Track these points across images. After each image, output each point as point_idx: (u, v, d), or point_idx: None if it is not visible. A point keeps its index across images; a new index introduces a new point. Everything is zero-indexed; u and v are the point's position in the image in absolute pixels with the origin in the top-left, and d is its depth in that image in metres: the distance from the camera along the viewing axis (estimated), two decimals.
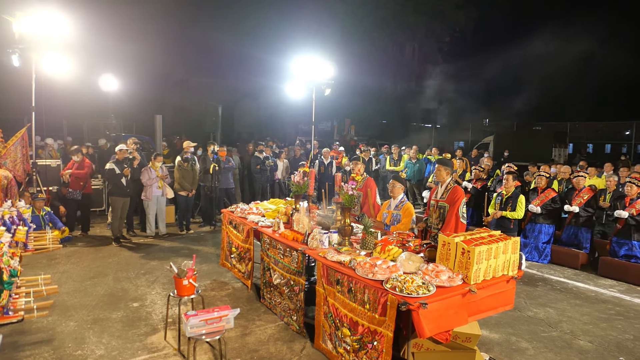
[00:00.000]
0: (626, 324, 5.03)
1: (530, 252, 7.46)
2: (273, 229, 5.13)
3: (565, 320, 5.07)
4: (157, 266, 6.59)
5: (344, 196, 4.42)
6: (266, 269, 5.11)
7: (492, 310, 3.59)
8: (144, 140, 13.99)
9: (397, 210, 5.20)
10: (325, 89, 10.60)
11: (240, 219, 5.84)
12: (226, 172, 9.61)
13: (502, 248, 3.49)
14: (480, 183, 9.07)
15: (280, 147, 13.93)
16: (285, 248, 4.67)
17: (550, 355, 4.23)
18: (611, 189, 7.49)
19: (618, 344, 4.52)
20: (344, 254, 3.98)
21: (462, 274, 3.36)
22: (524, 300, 5.60)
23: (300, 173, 5.68)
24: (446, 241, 3.51)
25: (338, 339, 3.74)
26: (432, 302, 3.06)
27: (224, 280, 6.05)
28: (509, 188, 7.17)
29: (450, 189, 4.82)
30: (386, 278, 3.34)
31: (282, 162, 11.66)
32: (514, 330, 4.74)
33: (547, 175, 7.82)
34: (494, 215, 7.19)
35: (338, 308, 3.72)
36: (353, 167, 6.36)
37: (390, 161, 12.60)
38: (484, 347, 4.25)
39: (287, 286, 4.64)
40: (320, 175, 11.28)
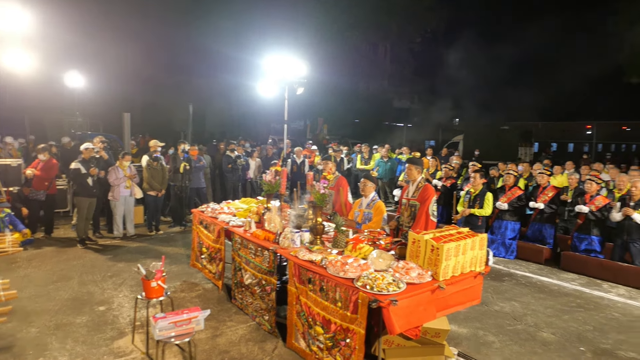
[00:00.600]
0: (586, 315, 5.23)
1: (497, 248, 7.66)
2: (244, 229, 5.08)
3: (529, 313, 5.24)
4: (124, 268, 6.42)
5: (316, 195, 4.43)
6: (237, 269, 5.06)
7: (460, 306, 3.67)
8: (111, 139, 13.61)
9: (369, 209, 5.24)
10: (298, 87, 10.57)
11: (211, 219, 5.75)
12: (197, 172, 9.46)
13: (470, 245, 3.57)
14: (450, 181, 9.26)
15: (253, 146, 13.82)
16: (256, 248, 4.63)
17: (515, 347, 4.36)
18: (573, 186, 7.78)
19: (579, 335, 4.70)
20: (315, 252, 3.99)
21: (431, 270, 3.42)
22: (491, 295, 5.75)
23: (272, 172, 5.65)
24: (416, 239, 3.56)
25: (311, 337, 3.74)
26: (402, 298, 3.10)
27: (194, 282, 5.96)
28: (477, 186, 7.35)
29: (421, 187, 4.89)
30: (357, 276, 3.36)
31: (254, 161, 11.58)
32: (481, 324, 4.86)
33: (514, 173, 8.05)
34: (462, 213, 7.35)
35: (310, 307, 3.72)
36: (324, 166, 6.37)
37: (361, 160, 12.69)
38: (453, 342, 4.33)
39: (259, 286, 4.61)
40: (292, 174, 11.26)
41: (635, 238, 6.44)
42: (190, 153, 9.27)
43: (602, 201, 6.88)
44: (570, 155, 21.88)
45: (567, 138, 27.66)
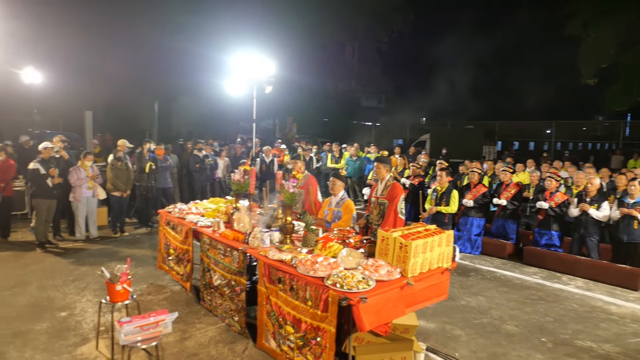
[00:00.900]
0: (547, 307, 5.45)
1: (463, 244, 7.86)
2: (213, 229, 5.01)
3: (494, 307, 5.41)
4: (87, 272, 6.21)
5: (285, 194, 4.41)
6: (206, 270, 4.98)
7: (428, 301, 3.74)
8: (72, 138, 13.11)
9: (338, 208, 5.27)
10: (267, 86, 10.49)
11: (178, 220, 5.64)
12: (164, 171, 9.26)
13: (437, 241, 3.64)
14: (418, 179, 9.42)
15: (221, 145, 13.64)
16: (225, 248, 4.57)
17: (481, 340, 4.49)
18: (534, 183, 8.08)
19: (540, 326, 4.89)
20: (285, 252, 3.98)
21: (400, 267, 3.47)
22: (457, 290, 5.89)
23: (240, 171, 5.59)
24: (385, 236, 3.61)
25: (282, 337, 3.73)
26: (372, 296, 3.13)
27: (161, 284, 5.83)
28: (443, 184, 7.51)
29: (390, 185, 4.95)
30: (327, 274, 3.37)
31: (223, 160, 11.43)
32: (448, 319, 4.98)
33: (478, 171, 8.28)
34: (430, 210, 7.50)
35: (281, 306, 3.70)
36: (293, 165, 6.36)
37: (331, 159, 12.75)
38: (422, 337, 4.42)
39: (228, 287, 4.56)
40: (261, 173, 11.19)
41: (592, 232, 6.76)
42: (156, 152, 9.06)
43: (561, 197, 7.18)
44: (531, 154, 22.69)
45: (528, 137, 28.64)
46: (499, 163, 10.37)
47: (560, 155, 19.25)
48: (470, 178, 8.16)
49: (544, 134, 26.75)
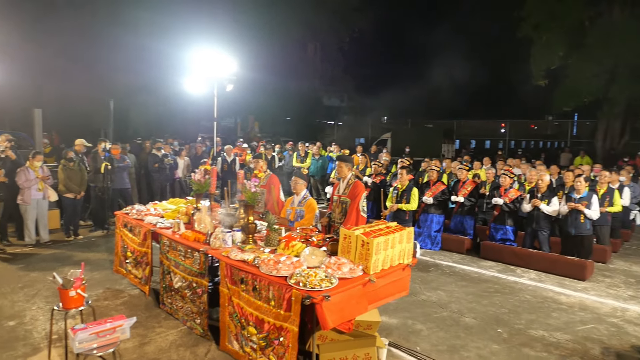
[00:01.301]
0: (503, 299, 5.67)
1: (423, 240, 8.06)
2: (173, 230, 4.89)
3: (453, 300, 5.57)
4: (38, 278, 5.91)
5: (247, 194, 4.37)
6: (166, 272, 4.86)
7: (390, 297, 3.80)
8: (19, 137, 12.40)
9: (301, 207, 5.27)
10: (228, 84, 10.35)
11: (136, 221, 5.46)
12: (121, 172, 8.95)
13: (398, 238, 3.71)
14: (380, 178, 9.57)
15: (181, 144, 13.32)
16: (186, 249, 4.47)
17: (441, 333, 4.62)
18: (490, 180, 8.38)
19: (497, 317, 5.08)
20: (247, 252, 3.93)
21: (362, 264, 3.51)
22: (418, 286, 6.03)
23: (201, 171, 5.48)
24: (347, 234, 3.64)
25: (244, 338, 3.68)
26: (335, 294, 3.15)
27: (119, 288, 5.63)
28: (404, 182, 7.66)
29: (352, 184, 5.00)
30: (290, 274, 3.37)
31: (183, 159, 11.17)
32: (410, 314, 5.09)
33: (436, 169, 8.49)
34: (391, 208, 7.63)
35: (243, 307, 3.66)
36: (255, 164, 6.32)
37: (297, 158, 12.73)
38: (384, 332, 4.49)
39: (190, 289, 4.46)
40: (223, 173, 11.02)
41: (543, 226, 7.10)
42: (112, 152, 8.74)
43: (515, 194, 7.49)
44: (487, 152, 23.56)
45: (484, 136, 29.72)
46: (456, 161, 10.70)
47: (514, 153, 20.07)
48: (429, 176, 8.37)
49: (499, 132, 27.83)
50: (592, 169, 10.38)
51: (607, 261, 7.38)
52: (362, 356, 3.73)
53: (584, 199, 6.75)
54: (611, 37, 16.94)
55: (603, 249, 7.38)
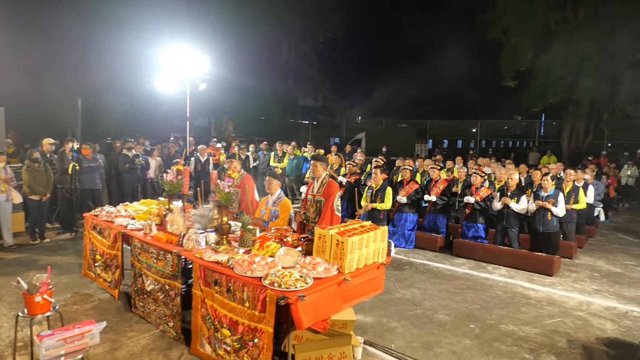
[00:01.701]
0: (474, 295, 5.80)
1: (398, 239, 8.15)
2: (144, 232, 4.78)
3: (427, 298, 5.66)
4: (1, 283, 5.67)
5: (221, 194, 4.31)
6: (138, 275, 4.74)
7: (365, 296, 3.83)
8: None
9: (275, 207, 5.24)
10: (201, 83, 10.19)
11: (106, 223, 5.31)
12: (92, 172, 8.71)
13: (372, 237, 3.73)
14: (354, 177, 9.63)
15: (153, 144, 13.05)
16: (158, 251, 4.38)
17: (415, 330, 4.68)
18: (461, 179, 8.55)
19: (469, 313, 5.19)
20: (221, 253, 3.88)
21: (337, 264, 3.52)
22: (393, 284, 6.09)
23: (173, 171, 5.39)
24: (322, 234, 3.64)
25: (218, 340, 3.64)
26: (310, 293, 3.15)
27: (88, 292, 5.46)
28: (378, 181, 7.73)
29: (326, 183, 5.00)
30: (265, 274, 3.34)
31: (155, 160, 10.94)
32: (385, 312, 5.14)
33: (409, 168, 8.61)
34: (365, 207, 7.69)
35: (217, 309, 3.61)
36: (229, 164, 6.25)
37: (274, 157, 12.65)
38: (359, 331, 4.52)
39: (162, 291, 4.37)
40: (196, 173, 10.87)
41: (513, 224, 7.29)
42: (82, 152, 8.50)
43: (485, 192, 7.66)
44: (459, 151, 24.05)
45: (456, 135, 30.34)
46: (428, 160, 10.86)
47: (485, 152, 20.56)
48: (402, 175, 8.47)
49: (471, 132, 28.46)
50: (565, 169, 10.76)
51: (573, 257, 7.64)
52: (338, 355, 3.75)
53: (551, 197, 6.97)
54: (575, 40, 17.58)
55: (569, 245, 7.64)
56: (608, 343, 4.53)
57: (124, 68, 16.90)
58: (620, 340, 4.60)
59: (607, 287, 6.26)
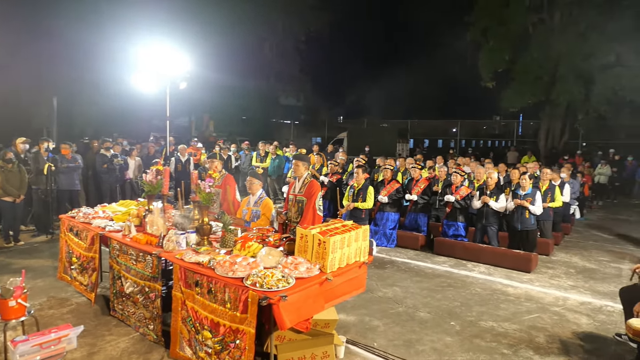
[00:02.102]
0: (455, 293, 5.87)
1: (379, 238, 8.20)
2: (123, 233, 4.69)
3: (409, 296, 5.71)
4: None
5: (201, 194, 4.27)
6: (116, 277, 4.65)
7: (347, 295, 3.84)
8: None
9: (257, 207, 5.22)
10: (181, 82, 10.08)
11: (83, 225, 5.20)
12: (71, 173, 8.52)
13: (354, 236, 3.75)
14: (336, 177, 9.65)
15: (132, 144, 12.84)
16: (138, 253, 4.31)
17: (397, 328, 4.72)
18: (442, 178, 8.65)
19: (450, 311, 5.25)
20: (202, 254, 3.84)
21: (319, 263, 3.52)
22: (375, 283, 6.13)
23: (153, 171, 5.30)
24: (304, 234, 3.64)
25: (199, 343, 3.59)
26: (292, 293, 3.14)
27: (64, 296, 5.34)
28: (360, 180, 7.77)
29: (307, 183, 5.00)
30: (247, 275, 3.32)
31: (134, 160, 10.77)
32: (367, 310, 5.16)
33: (390, 168, 8.67)
34: (347, 207, 7.71)
35: (198, 311, 3.57)
36: (210, 164, 6.20)
37: (256, 157, 12.58)
38: (342, 330, 4.53)
39: (142, 294, 4.30)
40: (177, 173, 10.74)
41: (492, 222, 7.42)
42: (62, 152, 8.32)
43: (465, 191, 7.78)
44: (439, 151, 24.36)
45: (437, 135, 30.73)
46: (410, 159, 10.97)
47: (465, 152, 20.87)
48: (384, 175, 8.53)
49: (451, 132, 28.86)
50: (542, 168, 11.00)
51: (550, 253, 7.82)
52: (320, 354, 3.75)
53: (528, 195, 7.12)
54: (552, 41, 18.01)
55: (546, 242, 7.81)
56: (583, 337, 4.65)
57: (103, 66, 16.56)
58: (595, 335, 4.73)
59: (582, 283, 6.42)
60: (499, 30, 19.10)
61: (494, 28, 19.24)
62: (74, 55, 16.34)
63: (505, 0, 18.76)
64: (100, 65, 16.64)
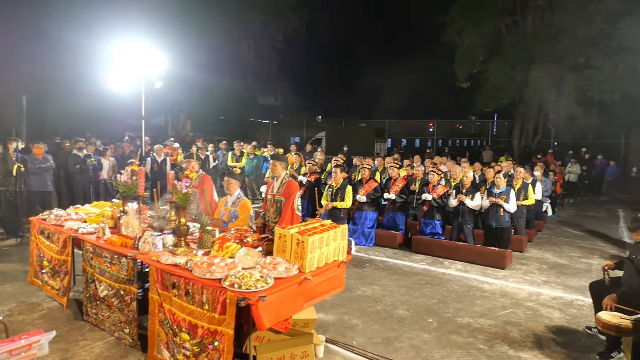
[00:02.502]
0: (432, 290, 5.96)
1: (358, 237, 8.24)
2: (97, 235, 4.58)
3: (387, 294, 5.76)
4: None
5: (178, 195, 4.21)
6: (90, 280, 4.54)
7: (326, 294, 3.85)
8: None
9: (235, 207, 5.18)
10: (157, 81, 9.92)
11: (55, 227, 5.05)
12: (43, 173, 8.27)
13: (332, 236, 3.76)
14: (314, 176, 9.65)
15: (106, 144, 12.54)
16: (112, 255, 4.22)
17: (376, 327, 4.76)
18: (419, 177, 8.76)
19: (427, 308, 5.32)
20: (179, 255, 3.79)
21: (298, 263, 3.52)
22: (354, 281, 6.16)
23: (128, 172, 5.19)
24: (282, 233, 3.63)
25: (176, 345, 3.54)
26: (271, 294, 3.13)
27: (35, 301, 5.18)
28: (338, 180, 7.80)
29: (286, 182, 4.99)
30: (225, 276, 3.29)
31: (108, 160, 10.53)
32: (346, 309, 5.18)
33: (368, 167, 8.73)
34: (326, 206, 7.73)
35: (175, 313, 3.52)
36: (186, 164, 6.11)
37: (232, 157, 12.47)
38: (321, 329, 4.54)
39: (117, 297, 4.21)
40: (152, 173, 10.56)
41: (468, 220, 7.56)
42: (35, 152, 8.07)
43: (442, 190, 7.90)
44: (417, 150, 24.66)
45: (414, 135, 31.10)
46: (388, 158, 11.06)
47: (441, 151, 21.19)
48: (362, 174, 8.58)
49: (428, 132, 29.25)
50: (515, 167, 11.26)
51: (524, 250, 8.01)
52: (300, 354, 3.75)
53: (503, 193, 7.27)
54: (524, 43, 18.46)
55: (520, 239, 8.00)
56: (556, 331, 4.78)
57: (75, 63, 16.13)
58: (566, 328, 4.87)
59: (554, 278, 6.60)
60: (474, 31, 19.46)
61: (469, 29, 19.59)
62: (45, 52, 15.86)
63: (480, 2, 19.13)
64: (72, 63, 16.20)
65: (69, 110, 17.96)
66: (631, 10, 15.61)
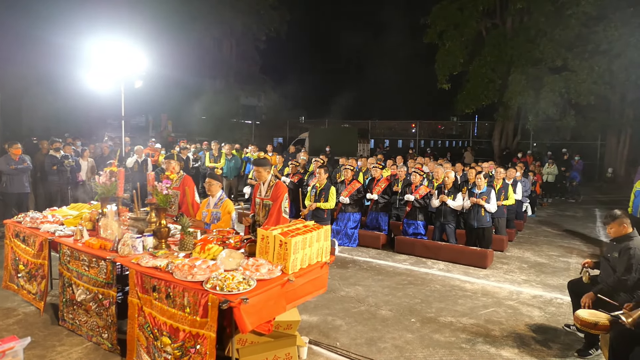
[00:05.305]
0: (415, 290, 6.00)
1: (341, 238, 8.25)
2: (75, 238, 4.47)
3: (371, 295, 5.77)
4: None
5: (159, 196, 4.14)
6: (67, 284, 4.43)
7: (309, 295, 3.83)
8: None
9: (217, 208, 5.11)
10: (137, 80, 9.74)
11: (30, 230, 4.91)
12: (20, 175, 8.04)
13: (315, 237, 3.74)
14: (298, 177, 9.62)
15: (84, 145, 12.27)
16: (90, 258, 4.12)
17: (359, 327, 4.76)
18: (402, 177, 8.81)
19: (410, 308, 5.35)
20: (160, 257, 3.72)
21: (280, 265, 3.49)
22: (337, 282, 6.15)
23: (107, 173, 5.09)
24: (265, 235, 3.60)
25: (157, 349, 3.48)
26: (253, 296, 3.10)
27: (10, 306, 5.03)
28: (322, 181, 7.78)
29: (273, 185, 4.95)
30: (206, 278, 3.25)
31: (86, 161, 10.31)
32: (330, 310, 5.17)
33: (351, 168, 8.74)
34: (310, 207, 7.71)
35: (156, 317, 3.46)
36: (166, 165, 6.02)
37: (210, 157, 12.33)
38: (304, 331, 4.52)
39: (95, 301, 4.11)
40: (133, 174, 10.36)
41: (450, 220, 7.63)
42: (13, 152, 7.87)
43: (424, 190, 7.96)
44: (399, 150, 24.84)
45: (397, 135, 31.34)
46: (372, 158, 11.10)
47: (424, 152, 21.36)
48: (345, 175, 8.58)
49: (410, 132, 29.49)
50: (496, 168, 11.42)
51: (504, 249, 8.13)
52: (283, 356, 3.72)
53: (484, 194, 7.37)
54: (504, 46, 18.77)
55: (501, 238, 8.12)
56: (536, 329, 4.86)
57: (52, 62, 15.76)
58: (546, 326, 4.95)
59: (534, 277, 6.72)
60: (454, 33, 19.71)
61: (450, 31, 19.84)
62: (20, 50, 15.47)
63: (460, 5, 19.38)
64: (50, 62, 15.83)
65: (46, 110, 17.56)
66: (606, 15, 16.04)
